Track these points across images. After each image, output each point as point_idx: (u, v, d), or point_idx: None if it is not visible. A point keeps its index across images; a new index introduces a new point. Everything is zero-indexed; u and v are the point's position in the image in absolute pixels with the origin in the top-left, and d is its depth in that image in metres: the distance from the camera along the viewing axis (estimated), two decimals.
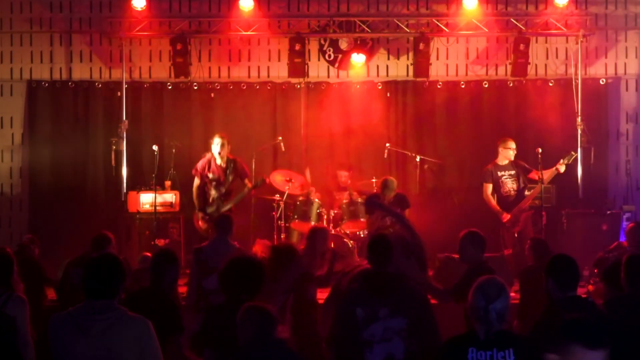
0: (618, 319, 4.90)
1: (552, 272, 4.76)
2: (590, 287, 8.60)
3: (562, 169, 10.51)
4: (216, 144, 10.32)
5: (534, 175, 10.44)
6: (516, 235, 10.30)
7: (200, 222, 10.42)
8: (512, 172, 10.60)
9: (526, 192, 10.63)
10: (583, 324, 3.36)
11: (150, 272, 5.83)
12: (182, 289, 7.77)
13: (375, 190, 10.67)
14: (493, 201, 10.63)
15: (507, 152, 10.61)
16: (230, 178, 10.42)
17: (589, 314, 4.54)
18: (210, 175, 10.40)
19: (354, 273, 6.56)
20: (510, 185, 10.60)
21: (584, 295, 5.57)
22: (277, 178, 11.14)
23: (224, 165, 10.40)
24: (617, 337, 4.50)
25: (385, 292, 5.02)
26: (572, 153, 10.83)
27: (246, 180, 10.44)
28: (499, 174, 10.62)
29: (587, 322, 3.33)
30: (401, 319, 4.92)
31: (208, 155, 10.46)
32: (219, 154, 10.33)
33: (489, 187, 10.66)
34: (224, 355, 4.84)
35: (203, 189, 10.47)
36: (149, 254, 8.49)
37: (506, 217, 10.47)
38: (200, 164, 10.48)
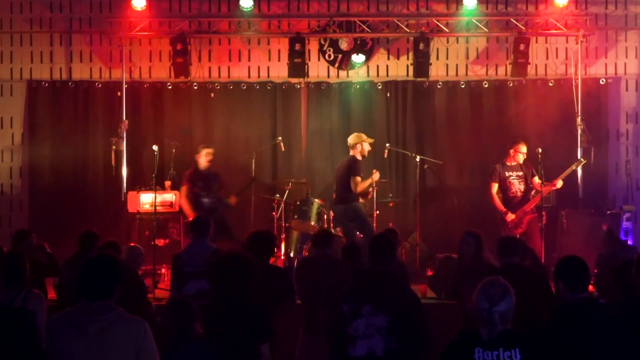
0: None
1: (562, 274, 4.70)
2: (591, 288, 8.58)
3: (559, 184, 10.58)
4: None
5: (533, 183, 10.57)
6: (518, 237, 10.28)
7: None
8: (520, 174, 10.67)
9: (532, 194, 10.65)
10: None
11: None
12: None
13: None
14: (498, 200, 10.67)
15: (518, 156, 10.70)
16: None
17: (600, 316, 4.54)
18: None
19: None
20: (517, 186, 10.67)
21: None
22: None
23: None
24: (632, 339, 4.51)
25: (371, 289, 5.13)
26: (581, 159, 10.85)
27: None
28: (507, 174, 10.68)
29: None
30: (382, 317, 5.02)
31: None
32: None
33: (495, 186, 10.70)
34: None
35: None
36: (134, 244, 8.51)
37: (510, 217, 10.49)
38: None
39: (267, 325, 5.04)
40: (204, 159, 10.84)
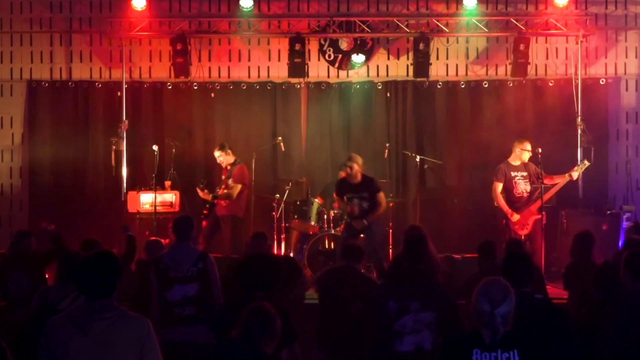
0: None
1: (503, 269, 5.02)
2: None
3: (575, 175, 10.54)
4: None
5: (547, 181, 10.41)
6: (523, 237, 10.24)
7: None
8: (525, 174, 10.54)
9: (536, 194, 10.58)
10: None
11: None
12: None
13: None
14: (502, 200, 10.52)
15: (523, 154, 10.55)
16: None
17: (535, 311, 4.78)
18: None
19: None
20: (523, 187, 10.52)
21: None
22: None
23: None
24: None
25: (417, 287, 5.30)
26: (586, 162, 10.79)
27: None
28: (512, 174, 10.55)
29: None
30: (430, 313, 5.20)
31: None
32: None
33: (500, 186, 10.55)
34: None
35: None
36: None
37: (515, 217, 10.40)
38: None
39: (289, 330, 4.90)
40: None
